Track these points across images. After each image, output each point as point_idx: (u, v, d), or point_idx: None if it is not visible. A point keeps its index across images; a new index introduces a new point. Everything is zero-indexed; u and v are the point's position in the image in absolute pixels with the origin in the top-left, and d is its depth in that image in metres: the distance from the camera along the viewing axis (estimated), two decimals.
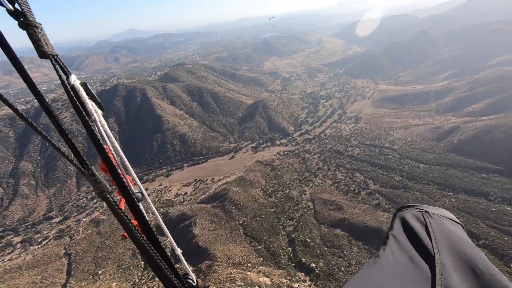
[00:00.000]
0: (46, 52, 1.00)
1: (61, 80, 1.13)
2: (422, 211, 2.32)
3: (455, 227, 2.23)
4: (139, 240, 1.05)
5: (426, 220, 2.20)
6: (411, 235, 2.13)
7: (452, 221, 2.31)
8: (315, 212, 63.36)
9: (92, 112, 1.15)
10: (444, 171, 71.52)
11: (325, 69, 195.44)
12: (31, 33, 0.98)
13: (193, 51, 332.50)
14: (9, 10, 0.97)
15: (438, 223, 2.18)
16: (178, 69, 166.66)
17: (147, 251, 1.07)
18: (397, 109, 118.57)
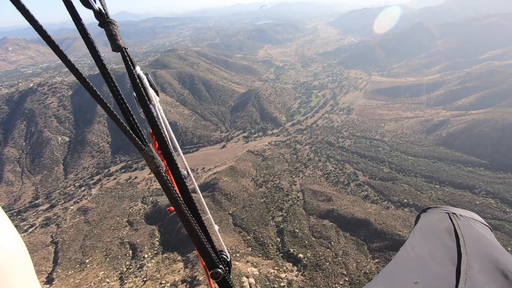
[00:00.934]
0: (120, 46, 1.14)
1: (129, 70, 1.27)
2: (449, 213, 2.29)
3: (484, 230, 2.17)
4: (184, 215, 1.16)
5: (454, 221, 2.18)
6: (436, 233, 2.12)
7: (481, 223, 2.25)
8: (304, 203, 63.88)
9: (152, 98, 1.29)
10: (432, 164, 72.66)
11: (319, 59, 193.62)
12: (110, 29, 1.13)
13: (185, 37, 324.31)
14: (95, 10, 1.12)
15: (466, 225, 2.15)
16: (169, 55, 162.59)
17: (191, 225, 1.18)
18: (388, 101, 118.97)
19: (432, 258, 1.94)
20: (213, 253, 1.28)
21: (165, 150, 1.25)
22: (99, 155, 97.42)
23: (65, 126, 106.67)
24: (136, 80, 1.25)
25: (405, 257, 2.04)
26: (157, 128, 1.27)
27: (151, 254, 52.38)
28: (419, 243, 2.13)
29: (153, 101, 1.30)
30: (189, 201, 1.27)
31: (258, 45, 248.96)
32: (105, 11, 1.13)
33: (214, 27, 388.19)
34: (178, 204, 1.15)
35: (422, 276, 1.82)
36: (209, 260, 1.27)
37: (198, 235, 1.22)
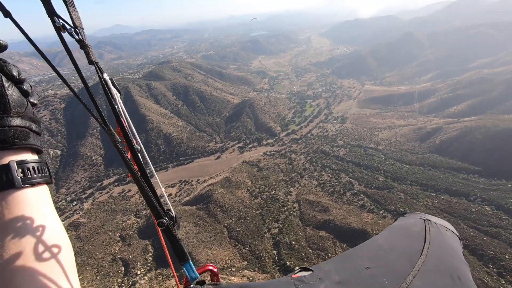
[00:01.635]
0: (92, 60, 1.56)
1: (99, 76, 1.69)
2: (425, 219, 2.46)
3: (452, 238, 2.39)
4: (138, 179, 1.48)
5: (427, 227, 2.33)
6: (405, 233, 2.32)
7: (452, 232, 2.46)
8: (300, 214, 63.10)
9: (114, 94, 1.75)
10: (427, 171, 72.79)
11: (312, 69, 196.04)
12: (86, 51, 1.56)
13: (180, 48, 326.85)
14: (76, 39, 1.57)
15: (437, 232, 2.32)
16: (163, 67, 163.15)
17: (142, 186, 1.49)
18: (382, 109, 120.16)
19: (392, 250, 2.09)
20: (159, 207, 1.60)
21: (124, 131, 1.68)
22: (91, 168, 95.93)
23: (57, 140, 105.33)
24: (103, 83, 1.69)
25: (366, 246, 2.20)
26: (118, 117, 1.70)
27: (144, 270, 50.86)
28: (385, 237, 2.29)
29: (115, 97, 1.76)
30: (141, 169, 1.65)
31: (252, 56, 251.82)
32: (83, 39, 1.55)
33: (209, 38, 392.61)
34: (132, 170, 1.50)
35: (375, 264, 1.97)
36: (156, 213, 1.58)
37: (148, 194, 1.52)
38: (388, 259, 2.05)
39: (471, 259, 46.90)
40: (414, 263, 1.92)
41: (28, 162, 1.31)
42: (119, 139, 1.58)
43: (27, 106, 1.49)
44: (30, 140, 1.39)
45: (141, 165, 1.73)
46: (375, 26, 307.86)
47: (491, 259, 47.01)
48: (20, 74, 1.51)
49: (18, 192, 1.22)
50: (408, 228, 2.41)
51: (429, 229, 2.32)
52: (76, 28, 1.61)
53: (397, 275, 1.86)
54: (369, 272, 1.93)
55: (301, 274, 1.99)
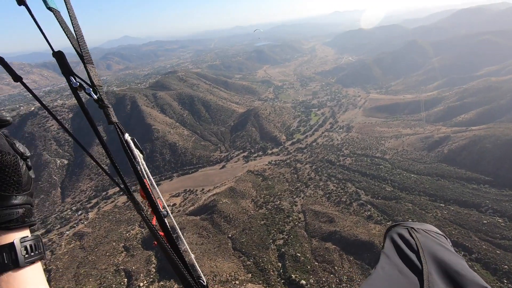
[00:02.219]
0: (112, 121, 1.56)
1: (119, 137, 1.65)
2: (408, 228, 2.53)
3: (439, 238, 2.46)
4: (164, 247, 1.43)
5: (413, 235, 2.42)
6: (400, 250, 2.35)
7: (436, 233, 2.52)
8: (306, 225, 61.95)
9: (136, 156, 1.68)
10: (435, 181, 71.19)
11: (317, 78, 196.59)
12: (105, 111, 1.54)
13: (186, 59, 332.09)
14: (94, 99, 1.54)
15: (424, 237, 2.41)
16: (169, 77, 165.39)
17: (170, 256, 1.43)
18: (388, 118, 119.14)
19: (401, 273, 2.12)
20: (189, 277, 1.49)
21: (148, 196, 1.58)
22: (97, 177, 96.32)
23: (64, 149, 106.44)
24: (125, 144, 1.63)
25: (376, 278, 2.19)
26: (142, 180, 1.59)
27: (146, 282, 50.09)
28: (388, 262, 2.29)
29: (138, 159, 1.65)
30: (168, 235, 1.56)
31: (257, 66, 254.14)
32: (102, 98, 1.53)
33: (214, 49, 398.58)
34: (158, 239, 1.45)
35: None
36: (186, 284, 1.48)
37: (176, 263, 1.43)
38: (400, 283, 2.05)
39: (484, 273, 45.13)
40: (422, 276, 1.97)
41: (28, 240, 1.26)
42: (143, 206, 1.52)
43: (32, 182, 1.48)
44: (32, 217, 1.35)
45: (168, 231, 1.62)
46: (379, 35, 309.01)
47: (505, 273, 45.14)
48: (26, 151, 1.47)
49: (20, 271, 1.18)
50: (399, 243, 2.41)
51: (416, 237, 2.37)
52: (94, 86, 1.57)
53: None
54: None
55: None
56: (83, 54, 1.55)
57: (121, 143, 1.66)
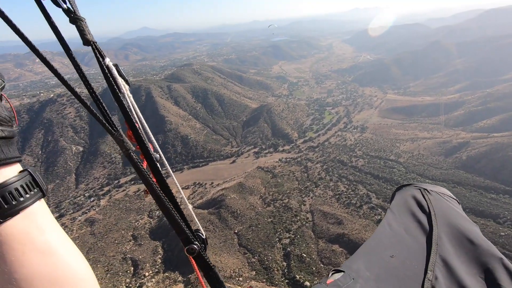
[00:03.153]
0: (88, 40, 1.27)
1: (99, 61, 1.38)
2: (421, 189, 2.45)
3: (452, 202, 2.40)
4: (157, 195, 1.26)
5: (425, 196, 2.34)
6: (409, 209, 2.30)
7: (449, 197, 2.47)
8: (313, 225, 61.12)
9: (121, 86, 1.42)
10: (451, 188, 68.43)
11: (333, 76, 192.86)
12: (79, 25, 1.25)
13: (202, 52, 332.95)
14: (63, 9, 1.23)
15: (437, 199, 2.34)
16: (184, 70, 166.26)
17: (165, 205, 1.27)
18: (404, 120, 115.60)
19: (407, 232, 2.10)
20: (187, 230, 1.36)
21: (137, 135, 1.36)
22: (110, 166, 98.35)
23: (80, 136, 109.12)
24: (105, 71, 1.37)
25: (382, 233, 2.18)
26: (128, 115, 1.38)
27: (152, 272, 50.84)
28: (395, 219, 2.26)
29: (122, 89, 1.41)
30: (162, 182, 1.37)
31: (272, 61, 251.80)
32: (74, 9, 1.25)
33: (231, 43, 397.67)
34: (151, 185, 1.25)
35: (398, 250, 2.02)
36: (184, 237, 1.35)
37: (172, 214, 1.29)
38: (406, 241, 2.04)
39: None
40: (430, 238, 1.95)
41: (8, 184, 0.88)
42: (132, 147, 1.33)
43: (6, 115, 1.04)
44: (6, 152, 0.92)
45: (162, 177, 1.40)
46: (400, 34, 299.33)
47: None
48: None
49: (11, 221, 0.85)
50: (409, 202, 2.35)
51: (429, 199, 2.29)
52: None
53: (420, 256, 1.90)
54: (395, 260, 1.96)
55: (335, 278, 1.95)
56: None
57: (101, 69, 1.39)
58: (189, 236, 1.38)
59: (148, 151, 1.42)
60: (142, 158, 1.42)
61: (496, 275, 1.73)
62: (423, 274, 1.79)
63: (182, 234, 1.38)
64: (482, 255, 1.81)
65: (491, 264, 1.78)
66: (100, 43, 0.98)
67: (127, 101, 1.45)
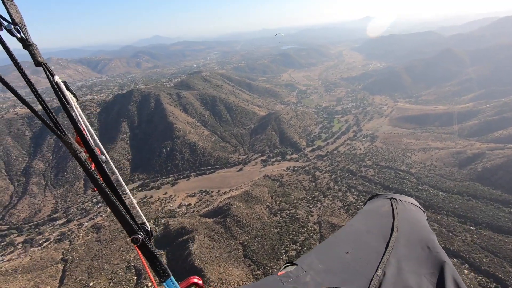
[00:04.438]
0: (40, 61, 1.47)
1: (49, 79, 1.57)
2: (391, 198, 2.72)
3: (417, 212, 2.65)
4: (105, 192, 1.38)
5: (394, 205, 2.58)
6: (376, 214, 2.53)
7: (416, 207, 2.71)
8: (321, 237, 59.27)
9: (69, 99, 1.58)
10: (466, 201, 65.74)
11: (343, 84, 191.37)
12: (30, 50, 1.46)
13: (212, 59, 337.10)
14: (17, 38, 1.46)
15: (403, 208, 2.58)
16: (194, 77, 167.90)
17: (110, 199, 1.39)
18: (416, 129, 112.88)
19: (368, 233, 2.29)
20: (132, 221, 1.45)
21: (84, 140, 1.52)
22: (118, 172, 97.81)
23: None
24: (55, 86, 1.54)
25: (343, 231, 2.36)
26: (76, 124, 1.53)
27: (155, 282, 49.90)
28: (359, 221, 2.47)
29: (70, 101, 1.57)
30: (108, 180, 1.51)
31: (282, 69, 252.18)
32: (26, 37, 1.44)
33: (240, 50, 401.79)
34: (97, 181, 1.38)
35: (355, 248, 2.18)
36: (129, 228, 1.43)
37: (117, 207, 1.40)
38: (365, 241, 2.22)
39: None
40: (388, 240, 2.10)
41: None
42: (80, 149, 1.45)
43: None
44: None
45: (108, 177, 1.57)
46: (411, 42, 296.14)
47: None
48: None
49: None
50: (378, 209, 2.57)
51: (396, 207, 2.53)
52: (16, 25, 1.47)
53: (375, 255, 2.05)
54: (350, 256, 2.12)
55: (287, 270, 2.04)
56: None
57: (51, 85, 1.57)
58: (133, 226, 1.50)
59: (94, 154, 1.59)
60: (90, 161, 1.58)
61: (441, 276, 1.92)
62: (374, 270, 1.93)
63: (126, 225, 1.49)
64: (431, 259, 1.99)
65: (437, 267, 1.98)
66: (113, 50, 1.07)
67: (75, 112, 1.61)
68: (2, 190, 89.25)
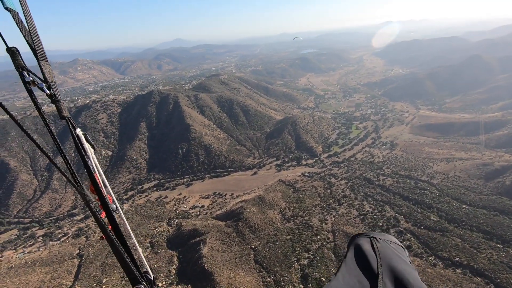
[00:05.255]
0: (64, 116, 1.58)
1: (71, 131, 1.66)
2: (371, 237, 2.71)
3: (397, 249, 2.65)
4: (112, 240, 1.41)
5: (374, 244, 2.59)
6: (361, 259, 2.53)
7: (395, 244, 2.73)
8: (335, 246, 57.54)
9: (87, 150, 1.68)
10: (493, 217, 61.77)
11: (362, 89, 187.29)
12: (57, 106, 1.59)
13: (231, 63, 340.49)
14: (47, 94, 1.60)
15: (383, 247, 2.59)
16: (212, 80, 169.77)
17: (116, 248, 1.41)
18: (439, 138, 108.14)
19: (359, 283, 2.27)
20: (136, 271, 1.48)
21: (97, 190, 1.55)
22: (135, 171, 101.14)
23: (110, 141, 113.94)
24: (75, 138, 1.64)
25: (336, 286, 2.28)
26: (92, 174, 1.59)
27: (165, 283, 50.12)
28: (348, 271, 2.37)
29: (88, 153, 1.67)
30: (116, 229, 1.55)
31: (300, 73, 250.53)
32: (55, 94, 1.57)
33: (259, 54, 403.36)
34: (106, 232, 1.42)
35: None
36: (132, 277, 1.47)
37: (123, 257, 1.42)
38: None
39: None
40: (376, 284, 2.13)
41: None
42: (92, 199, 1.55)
43: None
44: None
45: (116, 225, 1.64)
46: (436, 48, 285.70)
47: None
48: None
49: None
50: (360, 252, 2.56)
51: (376, 246, 2.55)
52: (48, 82, 1.61)
53: None
54: None
55: None
56: (37, 52, 1.57)
57: (72, 137, 1.65)
58: (137, 276, 1.55)
59: (105, 203, 1.65)
60: (101, 208, 1.65)
61: None
62: None
63: (130, 274, 1.53)
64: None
65: None
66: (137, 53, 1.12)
67: (91, 162, 1.69)
68: (27, 185, 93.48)
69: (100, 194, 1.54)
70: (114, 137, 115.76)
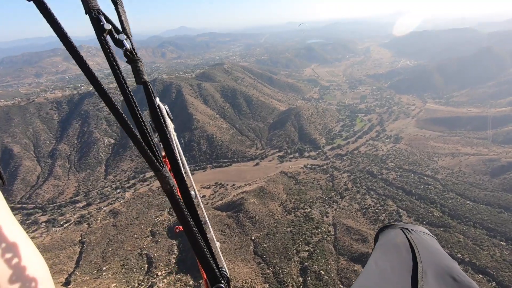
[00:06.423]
0: (144, 80, 1.31)
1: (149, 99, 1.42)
2: (402, 228, 2.59)
3: (432, 240, 2.52)
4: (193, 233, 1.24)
5: (407, 235, 2.46)
6: (394, 248, 2.43)
7: (429, 235, 2.58)
8: (335, 240, 57.31)
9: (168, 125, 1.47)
10: (497, 213, 60.91)
11: (368, 81, 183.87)
12: (136, 66, 1.29)
13: (235, 52, 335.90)
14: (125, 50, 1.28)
15: (418, 238, 2.45)
16: (215, 69, 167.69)
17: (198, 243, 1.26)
18: (445, 132, 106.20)
19: (393, 270, 2.17)
20: (216, 269, 1.34)
21: (177, 172, 1.35)
22: (138, 159, 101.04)
23: (112, 129, 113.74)
24: (157, 109, 1.42)
25: (370, 271, 2.20)
26: (171, 152, 1.39)
27: (165, 272, 50.44)
28: (381, 258, 2.31)
29: (169, 127, 1.47)
30: (196, 220, 1.35)
31: (305, 64, 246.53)
32: (134, 51, 1.29)
33: (264, 43, 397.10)
34: (187, 222, 1.23)
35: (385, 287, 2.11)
36: (212, 276, 1.32)
37: (204, 253, 1.29)
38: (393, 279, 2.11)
39: None
40: (416, 275, 2.02)
41: None
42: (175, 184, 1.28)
43: None
44: None
45: (197, 215, 1.40)
46: (446, 39, 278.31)
47: None
48: None
49: None
50: (393, 242, 2.45)
51: (411, 237, 2.39)
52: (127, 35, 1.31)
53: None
54: None
55: None
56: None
57: (149, 106, 1.40)
58: (217, 275, 1.35)
59: (186, 188, 1.39)
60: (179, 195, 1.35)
61: None
62: None
63: (210, 272, 1.34)
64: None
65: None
66: (140, 40, 0.93)
67: (172, 139, 1.44)
68: (30, 171, 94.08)
69: (180, 177, 1.30)
70: (117, 125, 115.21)
